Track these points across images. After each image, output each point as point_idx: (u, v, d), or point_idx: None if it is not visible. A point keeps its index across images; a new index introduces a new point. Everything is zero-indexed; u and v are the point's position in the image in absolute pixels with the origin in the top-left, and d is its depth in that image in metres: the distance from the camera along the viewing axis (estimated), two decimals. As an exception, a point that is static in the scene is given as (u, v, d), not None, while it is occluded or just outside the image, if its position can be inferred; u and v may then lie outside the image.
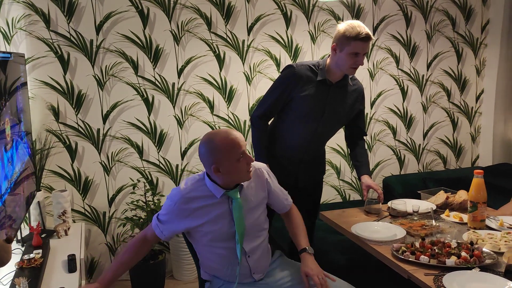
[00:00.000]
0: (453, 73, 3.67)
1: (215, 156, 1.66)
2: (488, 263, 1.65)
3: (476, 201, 2.02)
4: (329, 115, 2.22)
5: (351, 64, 2.09)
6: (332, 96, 2.21)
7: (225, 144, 1.65)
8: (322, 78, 2.16)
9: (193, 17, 3.02)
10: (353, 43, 2.04)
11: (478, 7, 3.63)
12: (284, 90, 2.19)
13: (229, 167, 1.66)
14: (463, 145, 3.83)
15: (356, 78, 2.31)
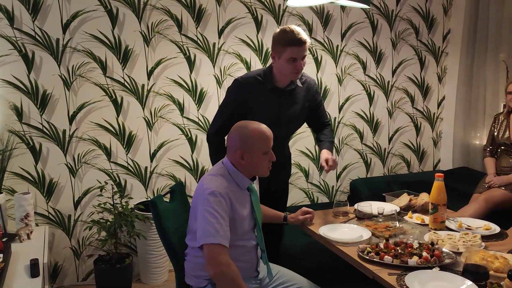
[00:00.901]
0: (416, 80, 3.81)
1: (245, 142, 1.71)
2: (448, 262, 1.73)
3: (436, 203, 2.10)
4: (286, 120, 2.25)
5: (292, 69, 2.10)
6: (284, 102, 2.23)
7: (257, 134, 1.72)
8: (271, 87, 2.18)
9: (164, 19, 3.00)
10: (288, 49, 2.05)
11: (440, 17, 3.78)
12: (236, 104, 2.21)
13: (254, 157, 1.72)
14: (426, 150, 3.97)
15: (306, 76, 2.32)
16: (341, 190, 3.70)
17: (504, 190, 2.83)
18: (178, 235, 1.92)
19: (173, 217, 1.94)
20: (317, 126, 2.46)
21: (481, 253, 1.70)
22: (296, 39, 2.05)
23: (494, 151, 3.09)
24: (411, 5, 3.65)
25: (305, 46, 2.08)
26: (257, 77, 2.21)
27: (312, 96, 2.34)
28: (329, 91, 3.52)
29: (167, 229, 1.85)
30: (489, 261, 1.64)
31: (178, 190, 2.09)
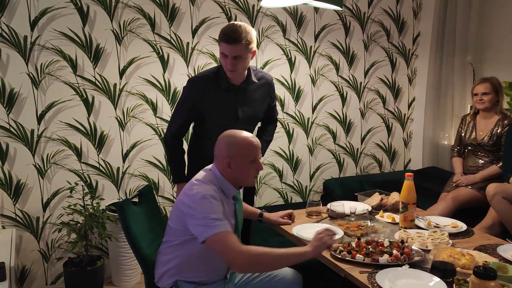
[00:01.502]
0: (387, 81, 3.88)
1: (232, 151, 1.72)
2: (417, 260, 1.77)
3: (406, 202, 2.15)
4: (244, 117, 2.25)
5: (224, 65, 2.11)
6: (241, 98, 2.23)
7: (245, 142, 1.73)
8: (227, 85, 2.18)
9: (136, 17, 2.96)
10: (221, 44, 2.08)
11: (410, 20, 3.86)
12: (191, 105, 2.21)
13: (241, 166, 1.73)
14: (397, 150, 4.06)
15: (262, 72, 2.34)
16: (315, 190, 3.73)
17: (470, 189, 2.92)
18: (147, 239, 1.90)
19: (141, 221, 1.91)
20: (265, 120, 2.47)
21: (449, 250, 1.75)
22: (226, 35, 2.04)
23: (461, 151, 3.18)
24: (382, 7, 3.72)
25: (234, 45, 2.03)
26: (210, 75, 2.20)
27: (269, 92, 2.35)
28: (303, 91, 3.55)
29: (135, 233, 1.82)
30: (456, 258, 1.69)
31: (146, 193, 2.06)
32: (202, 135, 2.32)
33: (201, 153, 2.30)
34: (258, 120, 2.41)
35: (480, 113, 3.03)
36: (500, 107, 2.97)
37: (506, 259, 1.80)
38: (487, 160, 3.00)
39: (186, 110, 2.24)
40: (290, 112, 3.53)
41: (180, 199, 1.74)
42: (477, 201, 2.87)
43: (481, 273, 1.27)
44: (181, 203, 1.71)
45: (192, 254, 1.73)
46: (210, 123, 2.26)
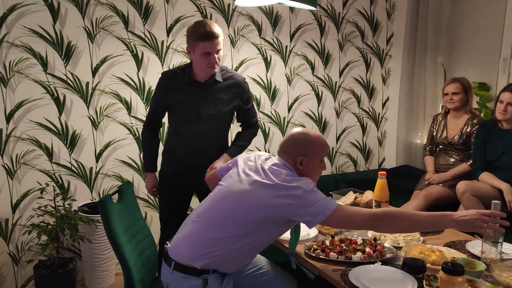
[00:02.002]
0: (362, 81, 3.93)
1: (307, 148, 1.71)
2: (389, 257, 1.80)
3: (380, 200, 2.18)
4: (206, 115, 2.26)
5: (206, 64, 2.13)
6: (205, 96, 2.24)
7: (319, 141, 1.74)
8: (189, 80, 2.22)
9: (109, 15, 2.91)
10: (200, 44, 2.08)
11: (384, 21, 3.92)
12: (159, 98, 2.32)
13: (312, 164, 1.72)
14: (371, 149, 4.11)
15: (233, 73, 2.33)
16: (291, 189, 3.74)
17: (442, 187, 2.98)
18: (128, 236, 1.87)
19: (121, 218, 1.89)
20: (243, 125, 2.50)
21: (419, 247, 1.78)
22: (208, 34, 2.06)
23: (433, 150, 3.25)
24: (356, 8, 3.76)
25: (217, 40, 2.10)
26: (177, 71, 2.28)
27: (239, 94, 2.32)
28: (279, 91, 3.56)
29: (116, 230, 1.79)
30: (426, 254, 1.73)
31: (125, 190, 2.03)
32: (172, 132, 2.41)
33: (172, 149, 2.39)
34: (225, 121, 2.37)
35: (451, 113, 3.11)
36: (470, 107, 3.04)
37: (474, 254, 1.85)
38: (457, 159, 3.07)
39: (155, 102, 2.36)
40: (266, 112, 3.54)
41: (274, 190, 1.60)
42: (448, 198, 2.94)
43: (449, 269, 1.30)
44: (277, 193, 1.59)
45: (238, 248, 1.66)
46: (175, 117, 2.34)
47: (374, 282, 1.59)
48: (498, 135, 2.71)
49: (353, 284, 1.58)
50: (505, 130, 2.68)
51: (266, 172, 1.66)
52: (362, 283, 1.57)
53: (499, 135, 2.71)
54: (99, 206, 1.80)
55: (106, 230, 1.79)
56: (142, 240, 1.99)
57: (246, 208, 1.63)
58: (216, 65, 2.16)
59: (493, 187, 2.63)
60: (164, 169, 2.44)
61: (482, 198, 2.58)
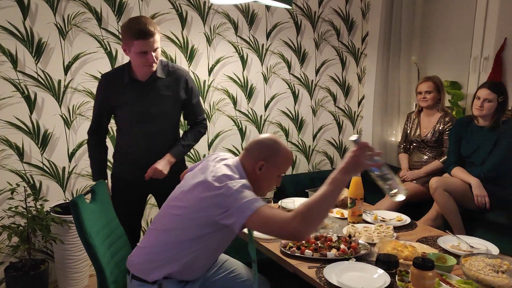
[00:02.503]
0: (338, 80, 3.97)
1: (272, 156, 1.65)
2: (363, 253, 1.82)
3: (354, 197, 2.21)
4: (153, 114, 2.19)
5: (143, 62, 2.05)
6: (148, 95, 2.18)
7: (286, 155, 1.69)
8: (129, 80, 2.15)
9: (81, 11, 2.85)
10: (136, 42, 1.99)
11: (359, 20, 3.96)
12: (101, 101, 2.23)
13: (270, 174, 1.66)
14: (348, 147, 4.15)
15: (175, 67, 2.26)
16: (268, 187, 3.75)
17: (415, 184, 3.04)
18: (101, 236, 1.84)
19: (95, 218, 1.85)
20: (189, 122, 2.40)
21: (393, 243, 1.81)
22: (143, 32, 1.97)
23: (407, 148, 3.31)
24: (332, 7, 3.79)
25: (153, 38, 2.01)
26: (117, 71, 2.20)
27: (183, 88, 2.25)
28: (255, 89, 3.56)
29: (89, 231, 1.76)
30: (399, 250, 1.75)
31: (99, 190, 1.99)
32: (120, 134, 2.32)
33: (123, 150, 2.32)
34: (173, 119, 2.31)
35: (424, 111, 3.17)
36: (442, 105, 3.11)
37: (445, 249, 1.89)
38: (430, 156, 3.13)
39: (97, 105, 2.26)
40: (243, 110, 3.53)
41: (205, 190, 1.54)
42: (422, 195, 3.00)
43: (419, 264, 1.32)
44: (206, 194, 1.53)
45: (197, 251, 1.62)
46: (121, 119, 2.27)
47: (348, 279, 1.60)
48: (473, 132, 2.78)
49: (327, 281, 1.59)
50: (480, 127, 2.75)
51: (210, 173, 1.58)
52: (336, 280, 1.58)
53: (474, 131, 2.77)
54: (71, 207, 1.76)
55: (79, 231, 1.76)
56: (115, 240, 1.96)
57: (186, 211, 1.58)
58: (153, 64, 2.08)
59: (464, 181, 2.69)
60: (116, 171, 2.36)
61: (454, 193, 2.64)
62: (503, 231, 2.56)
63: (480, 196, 2.59)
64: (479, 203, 2.59)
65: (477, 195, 2.60)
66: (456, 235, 2.02)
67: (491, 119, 2.69)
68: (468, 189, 2.65)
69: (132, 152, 2.28)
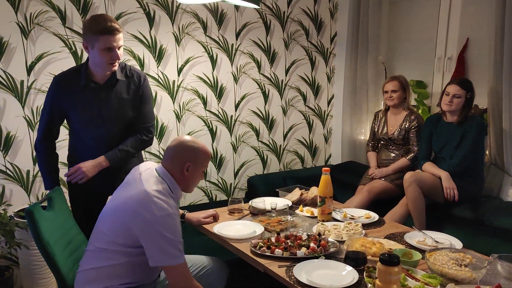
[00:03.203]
0: (308, 79, 4.00)
1: (195, 156, 1.75)
2: (332, 251, 1.84)
3: (324, 196, 2.23)
4: (111, 116, 2.14)
5: (108, 60, 2.00)
6: (106, 97, 2.11)
7: (205, 151, 1.79)
8: (84, 83, 2.08)
9: (44, 10, 2.77)
10: (101, 38, 1.95)
11: (328, 20, 4.01)
12: (52, 105, 2.12)
13: (196, 173, 1.77)
14: (318, 145, 4.20)
15: (133, 70, 2.21)
16: (239, 187, 3.76)
17: (384, 181, 3.10)
18: (60, 245, 1.79)
19: (53, 226, 1.79)
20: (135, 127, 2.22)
21: (361, 240, 1.84)
22: (110, 27, 1.95)
23: (375, 146, 3.37)
24: (301, 7, 3.82)
25: (119, 35, 2.00)
26: (73, 73, 2.12)
27: (138, 90, 2.19)
28: (225, 89, 3.55)
29: (47, 240, 1.70)
30: (367, 247, 1.79)
31: (56, 197, 1.93)
32: (74, 137, 2.24)
33: (77, 156, 2.21)
34: (129, 122, 2.21)
35: (390, 109, 3.23)
36: (408, 104, 3.18)
37: (411, 245, 1.93)
38: (398, 153, 3.20)
39: (47, 109, 2.14)
40: (213, 110, 3.52)
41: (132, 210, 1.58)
42: (390, 191, 3.06)
43: (385, 260, 1.35)
44: (133, 216, 1.58)
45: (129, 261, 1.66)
46: (76, 123, 2.18)
47: (317, 276, 1.62)
48: (442, 128, 2.86)
49: (297, 280, 1.60)
50: (449, 123, 2.83)
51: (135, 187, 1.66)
52: (306, 278, 1.59)
53: (443, 127, 2.86)
54: (26, 216, 1.69)
55: (36, 240, 1.70)
56: (76, 248, 1.89)
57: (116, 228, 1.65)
58: (117, 61, 2.04)
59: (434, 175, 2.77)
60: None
61: (424, 186, 2.71)
62: (468, 225, 2.65)
63: (449, 188, 2.68)
64: (448, 195, 2.67)
65: (446, 187, 2.68)
66: (422, 231, 2.07)
67: (458, 115, 2.77)
68: (438, 182, 2.73)
69: (87, 156, 2.15)
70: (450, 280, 1.57)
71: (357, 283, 1.58)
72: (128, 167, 2.07)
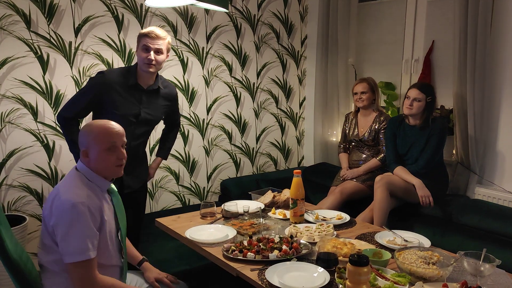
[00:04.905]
0: (279, 82, 4.02)
1: (88, 138, 1.66)
2: (304, 253, 1.85)
3: (295, 198, 2.24)
4: (144, 118, 2.41)
5: (144, 58, 2.28)
6: (146, 100, 2.39)
7: (100, 129, 1.67)
8: (133, 83, 2.33)
9: (8, 13, 2.69)
10: (142, 39, 2.30)
11: (298, 23, 4.05)
12: (94, 96, 2.30)
13: (97, 154, 1.65)
14: (291, 148, 4.23)
15: (168, 83, 2.56)
16: (212, 191, 3.74)
17: (355, 182, 3.14)
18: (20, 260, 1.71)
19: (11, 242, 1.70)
20: (169, 124, 2.73)
21: (333, 241, 1.86)
22: (151, 32, 2.29)
23: (346, 147, 3.41)
24: (271, 10, 3.84)
25: (159, 40, 2.30)
26: (121, 73, 2.35)
27: (172, 101, 2.56)
28: (197, 92, 3.53)
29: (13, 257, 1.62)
30: (339, 248, 1.80)
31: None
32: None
33: None
34: (156, 124, 2.54)
35: (360, 111, 3.28)
36: (377, 105, 3.23)
37: (382, 245, 1.97)
38: (369, 154, 3.25)
39: (87, 100, 2.30)
40: (185, 114, 3.49)
41: (46, 207, 1.61)
42: (362, 192, 3.10)
43: (354, 260, 1.37)
44: (47, 212, 1.60)
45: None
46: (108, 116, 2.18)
47: (289, 279, 1.63)
48: (405, 131, 2.91)
49: (269, 283, 1.60)
50: (411, 126, 2.88)
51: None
52: (277, 281, 1.60)
53: (407, 131, 2.90)
54: None
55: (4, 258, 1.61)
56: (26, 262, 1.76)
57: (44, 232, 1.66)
58: (152, 64, 2.29)
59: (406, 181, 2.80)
60: None
61: (397, 190, 2.75)
62: (437, 223, 2.71)
63: (424, 196, 2.71)
64: (423, 203, 2.72)
65: (421, 196, 2.72)
66: (392, 230, 2.11)
67: (420, 118, 2.83)
68: (411, 188, 2.76)
69: None
70: (419, 278, 1.60)
71: (329, 284, 1.59)
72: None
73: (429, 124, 2.81)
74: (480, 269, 1.58)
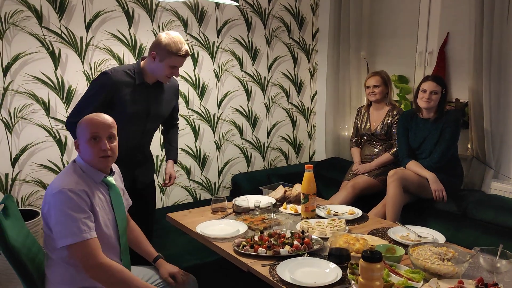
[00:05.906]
0: (290, 76, 3.99)
1: (77, 130, 1.71)
2: (316, 248, 1.83)
3: (307, 193, 2.22)
4: (154, 114, 2.37)
5: (168, 74, 2.25)
6: (153, 96, 2.35)
7: (85, 120, 1.70)
8: (140, 82, 2.28)
9: (20, 9, 2.70)
10: (173, 58, 2.20)
11: (309, 16, 4.00)
12: (103, 97, 2.23)
13: (83, 145, 1.69)
14: (302, 142, 4.20)
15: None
16: (224, 186, 3.73)
17: (367, 177, 3.10)
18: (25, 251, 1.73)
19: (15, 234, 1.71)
20: (168, 124, 2.64)
21: (345, 236, 1.83)
22: (183, 51, 2.21)
23: (358, 141, 3.38)
24: (282, 4, 3.80)
25: (186, 58, 2.28)
26: (126, 71, 2.30)
27: (175, 95, 2.52)
28: (207, 87, 3.52)
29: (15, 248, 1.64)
30: (351, 243, 1.78)
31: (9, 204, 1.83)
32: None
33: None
34: (163, 119, 2.51)
35: (373, 105, 3.24)
36: (390, 99, 3.19)
37: (395, 240, 1.94)
38: (381, 149, 3.21)
39: (96, 102, 2.21)
40: (195, 109, 3.48)
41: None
42: (374, 187, 3.06)
43: (367, 256, 1.34)
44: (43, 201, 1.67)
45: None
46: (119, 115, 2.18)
47: (301, 275, 1.61)
48: (418, 125, 2.86)
49: (280, 278, 1.59)
50: (425, 119, 2.84)
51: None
52: (289, 277, 1.58)
53: (419, 124, 2.86)
54: None
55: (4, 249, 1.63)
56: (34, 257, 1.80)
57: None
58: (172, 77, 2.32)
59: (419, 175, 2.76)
60: None
61: (410, 185, 2.71)
62: (451, 219, 2.67)
63: (437, 190, 2.67)
64: (437, 197, 2.68)
65: (434, 190, 2.68)
66: (405, 226, 2.07)
67: (435, 111, 2.78)
68: (425, 182, 2.73)
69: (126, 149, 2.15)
70: (433, 274, 1.57)
71: (341, 280, 1.57)
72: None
73: (443, 117, 2.76)
74: (496, 265, 1.55)
